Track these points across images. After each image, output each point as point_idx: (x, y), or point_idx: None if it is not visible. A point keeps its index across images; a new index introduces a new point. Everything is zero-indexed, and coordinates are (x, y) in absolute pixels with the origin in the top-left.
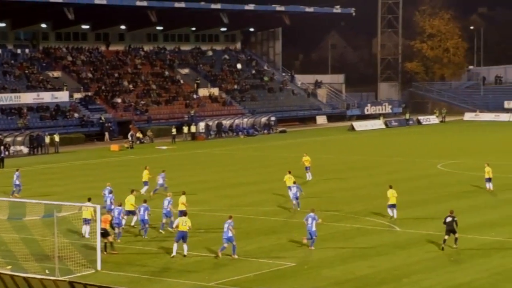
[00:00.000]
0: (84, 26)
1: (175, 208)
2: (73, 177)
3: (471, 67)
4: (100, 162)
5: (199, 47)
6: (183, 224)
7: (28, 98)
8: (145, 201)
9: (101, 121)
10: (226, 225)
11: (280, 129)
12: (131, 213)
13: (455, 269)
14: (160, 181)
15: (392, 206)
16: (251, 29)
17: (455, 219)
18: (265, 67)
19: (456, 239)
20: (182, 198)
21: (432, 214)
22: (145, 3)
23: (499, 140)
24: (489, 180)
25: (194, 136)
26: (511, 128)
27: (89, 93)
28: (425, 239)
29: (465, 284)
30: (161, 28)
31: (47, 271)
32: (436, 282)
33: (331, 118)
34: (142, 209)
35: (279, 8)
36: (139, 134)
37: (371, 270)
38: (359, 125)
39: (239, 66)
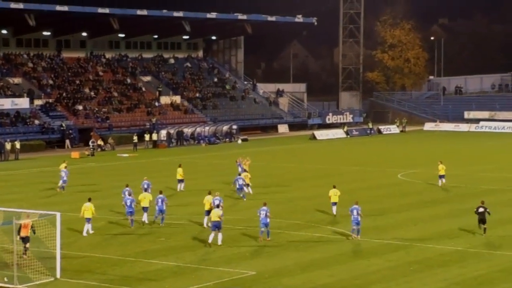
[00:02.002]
0: (45, 33)
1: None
2: (33, 184)
3: (431, 77)
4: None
5: (161, 55)
6: (215, 215)
7: None
8: (161, 192)
9: (62, 128)
10: (263, 212)
11: (241, 137)
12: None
13: (414, 279)
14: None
15: (334, 204)
16: (213, 37)
17: (487, 209)
18: (227, 76)
19: (485, 229)
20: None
21: (392, 223)
22: (107, 10)
23: (459, 150)
24: (442, 176)
25: (155, 144)
26: (470, 139)
27: (50, 100)
28: (385, 248)
29: None
30: (123, 35)
31: (5, 279)
32: None
33: (292, 127)
34: (159, 200)
35: (241, 16)
36: (100, 142)
37: (331, 279)
38: (320, 134)
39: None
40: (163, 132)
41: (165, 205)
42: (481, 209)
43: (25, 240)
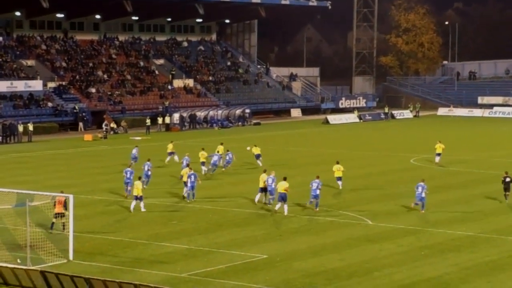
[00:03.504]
0: (59, 15)
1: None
2: (45, 166)
3: (445, 62)
4: (73, 152)
5: (174, 38)
6: (282, 187)
7: (1, 86)
8: (190, 169)
9: (75, 110)
10: (315, 184)
11: (254, 121)
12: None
13: (425, 263)
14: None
15: (339, 178)
16: (227, 21)
17: None
18: (240, 59)
19: (507, 195)
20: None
21: (403, 208)
22: None
23: (472, 135)
24: (438, 155)
25: (168, 127)
26: (484, 124)
27: (63, 83)
28: (397, 233)
29: (435, 278)
30: (136, 18)
31: (18, 260)
32: (407, 276)
33: (305, 111)
34: (192, 176)
35: (255, 0)
36: (113, 125)
37: (342, 263)
38: (333, 119)
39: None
40: (176, 116)
41: (197, 181)
42: (508, 179)
43: (60, 216)
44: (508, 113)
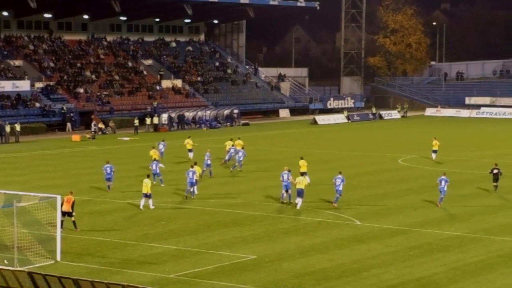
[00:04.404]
0: (47, 15)
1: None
2: (33, 167)
3: (433, 62)
4: (61, 152)
5: (162, 38)
6: (300, 182)
7: None
8: (192, 166)
9: (63, 111)
10: (339, 180)
11: (243, 122)
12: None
13: (414, 263)
14: (208, 161)
15: (304, 173)
16: (215, 21)
17: (500, 170)
18: (229, 60)
19: (496, 186)
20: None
21: (392, 208)
22: None
23: (460, 136)
24: (435, 151)
25: (156, 128)
26: (471, 124)
27: (51, 83)
28: (385, 233)
29: (424, 278)
30: (124, 18)
31: (5, 262)
32: (395, 276)
33: (294, 111)
34: (190, 173)
35: (243, 0)
36: (101, 125)
37: (331, 264)
38: (321, 119)
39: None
40: (164, 116)
41: (196, 178)
42: (495, 171)
43: (68, 214)
44: (495, 113)
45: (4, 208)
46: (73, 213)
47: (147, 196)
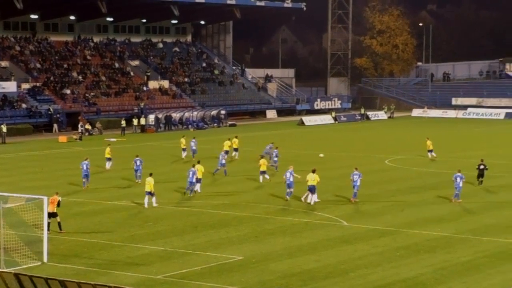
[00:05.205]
0: (33, 16)
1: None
2: (19, 168)
3: (419, 63)
4: (47, 154)
5: (149, 39)
6: (312, 179)
7: None
8: (193, 166)
9: (49, 112)
10: (356, 177)
11: (230, 122)
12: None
13: (400, 264)
14: (223, 161)
15: (262, 172)
16: (202, 22)
17: (486, 166)
18: (216, 60)
19: (481, 181)
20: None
21: (379, 209)
22: None
23: (447, 136)
24: (431, 151)
25: (143, 129)
26: (458, 125)
27: (38, 84)
28: (372, 233)
29: (411, 278)
30: (111, 19)
31: None
32: (382, 277)
33: (281, 112)
34: (190, 173)
35: (230, 1)
36: (88, 126)
37: (318, 264)
38: (308, 120)
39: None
40: (151, 117)
41: (196, 177)
42: (481, 166)
43: (52, 215)
44: (482, 114)
45: None
46: (58, 207)
47: (151, 194)
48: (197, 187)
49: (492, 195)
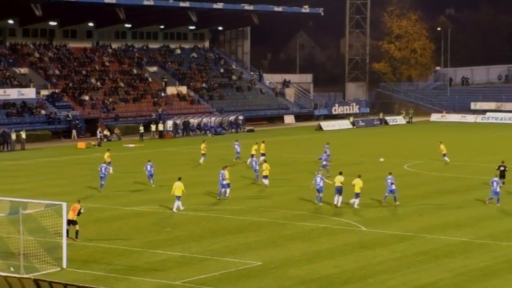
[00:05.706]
0: (52, 23)
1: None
2: (39, 174)
3: (438, 68)
4: (66, 160)
5: (167, 45)
6: (338, 180)
7: None
8: (223, 168)
9: (68, 118)
10: (389, 180)
11: (248, 128)
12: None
13: (420, 269)
14: (257, 167)
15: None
16: (220, 28)
17: (507, 168)
18: (234, 66)
19: (504, 182)
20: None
21: (398, 214)
22: (113, 0)
23: (465, 141)
24: (444, 155)
25: (161, 135)
26: (477, 130)
27: (56, 90)
28: (391, 239)
29: (430, 284)
30: (129, 25)
31: (12, 269)
32: (401, 282)
33: (298, 117)
34: (220, 176)
35: (247, 7)
36: (106, 132)
37: (337, 270)
38: (326, 125)
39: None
40: (169, 123)
41: (226, 180)
42: (502, 168)
43: (72, 222)
44: (501, 118)
45: (10, 215)
46: (78, 215)
47: (179, 198)
48: (227, 192)
49: None
